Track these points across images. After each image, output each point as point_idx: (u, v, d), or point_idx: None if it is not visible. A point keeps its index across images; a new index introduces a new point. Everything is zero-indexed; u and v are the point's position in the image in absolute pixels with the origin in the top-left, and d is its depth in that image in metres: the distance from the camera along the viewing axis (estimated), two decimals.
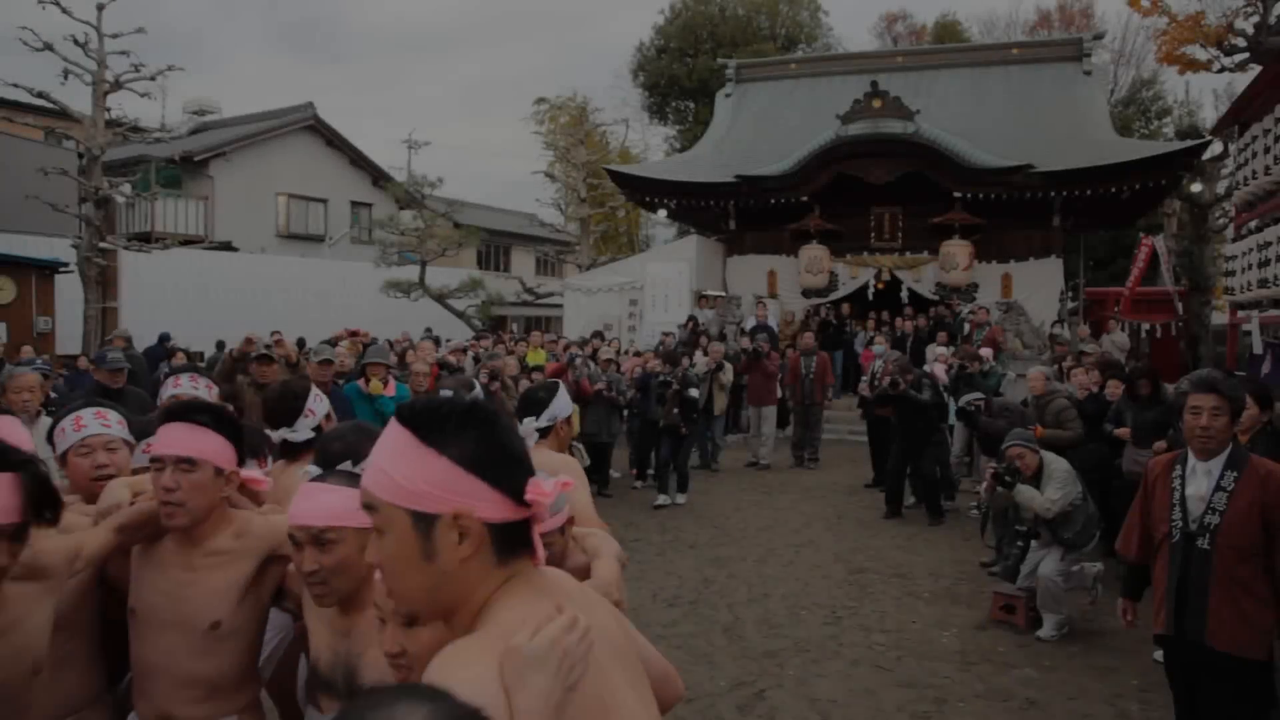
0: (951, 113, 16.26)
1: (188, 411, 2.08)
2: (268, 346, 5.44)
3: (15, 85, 13.81)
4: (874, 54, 22.11)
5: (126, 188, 18.96)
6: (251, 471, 2.23)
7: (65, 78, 14.19)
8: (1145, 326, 17.60)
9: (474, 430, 1.16)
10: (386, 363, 6.84)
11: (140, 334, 13.71)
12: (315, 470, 2.19)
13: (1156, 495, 3.34)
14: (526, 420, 2.96)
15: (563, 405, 3.07)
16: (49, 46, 13.81)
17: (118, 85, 14.60)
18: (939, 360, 10.00)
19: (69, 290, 14.56)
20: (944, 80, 18.13)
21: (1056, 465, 5.66)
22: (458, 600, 1.17)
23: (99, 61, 14.37)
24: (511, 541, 1.18)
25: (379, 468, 1.16)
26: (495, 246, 29.40)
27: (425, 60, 75.28)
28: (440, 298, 20.16)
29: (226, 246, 20.94)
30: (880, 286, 16.25)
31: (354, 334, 12.59)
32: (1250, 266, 10.76)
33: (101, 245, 14.78)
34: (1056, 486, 5.51)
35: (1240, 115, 11.93)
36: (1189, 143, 14.73)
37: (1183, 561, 3.19)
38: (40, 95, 14.16)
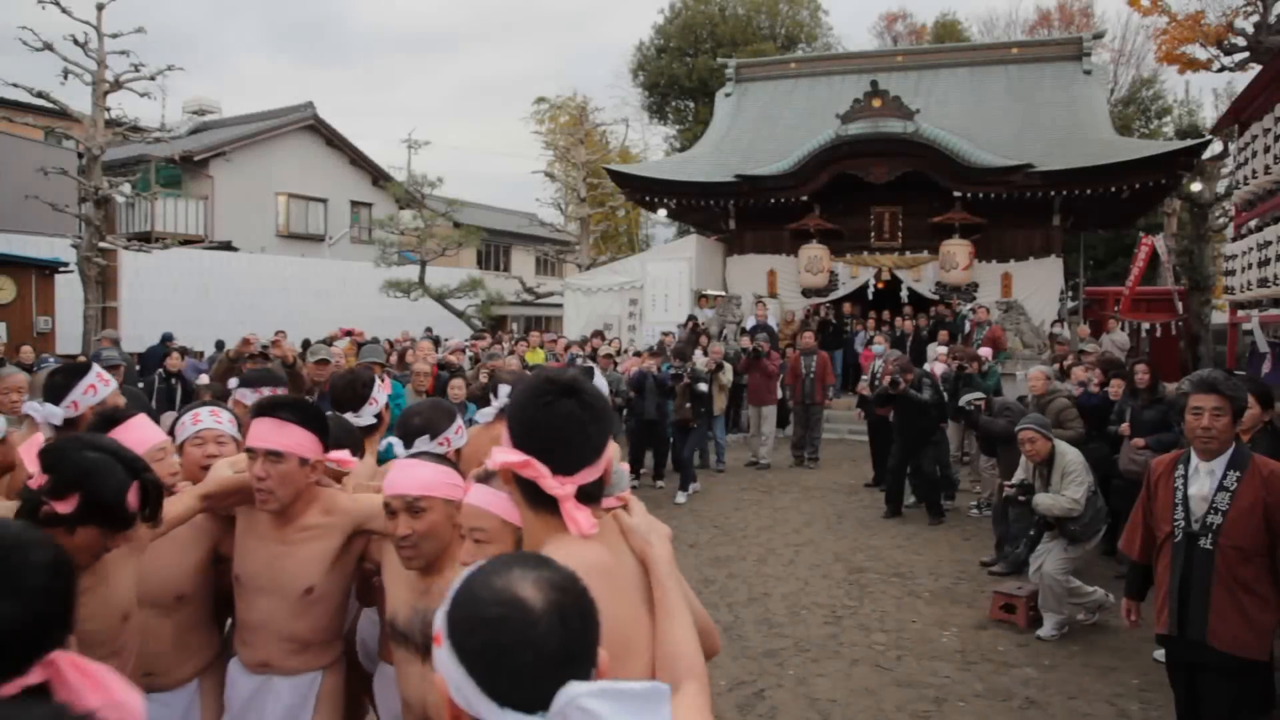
0: (951, 112, 16.25)
1: (274, 408, 2.33)
2: (264, 346, 5.43)
3: (15, 85, 13.81)
4: (874, 53, 22.06)
5: (126, 188, 18.97)
6: (340, 453, 2.49)
7: (65, 78, 14.15)
8: (1145, 326, 17.58)
9: (515, 402, 1.51)
10: (380, 362, 6.86)
11: (140, 334, 13.71)
12: (398, 443, 2.58)
13: (1159, 495, 3.33)
14: None
15: (599, 386, 3.25)
16: (49, 46, 13.78)
17: (118, 85, 14.56)
18: (939, 359, 9.99)
19: (69, 290, 14.55)
20: (944, 80, 18.11)
21: (1071, 457, 5.63)
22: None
23: (99, 61, 14.34)
24: (538, 497, 1.45)
25: None
26: (495, 246, 29.38)
27: (425, 60, 75.33)
28: (440, 297, 20.14)
29: (226, 246, 20.92)
30: (880, 286, 16.23)
31: (350, 333, 12.61)
32: (1250, 266, 10.73)
33: (101, 245, 14.75)
34: (1075, 484, 5.48)
35: (1240, 114, 11.90)
36: (1189, 142, 14.68)
37: (1185, 561, 3.19)
38: (40, 95, 14.13)
